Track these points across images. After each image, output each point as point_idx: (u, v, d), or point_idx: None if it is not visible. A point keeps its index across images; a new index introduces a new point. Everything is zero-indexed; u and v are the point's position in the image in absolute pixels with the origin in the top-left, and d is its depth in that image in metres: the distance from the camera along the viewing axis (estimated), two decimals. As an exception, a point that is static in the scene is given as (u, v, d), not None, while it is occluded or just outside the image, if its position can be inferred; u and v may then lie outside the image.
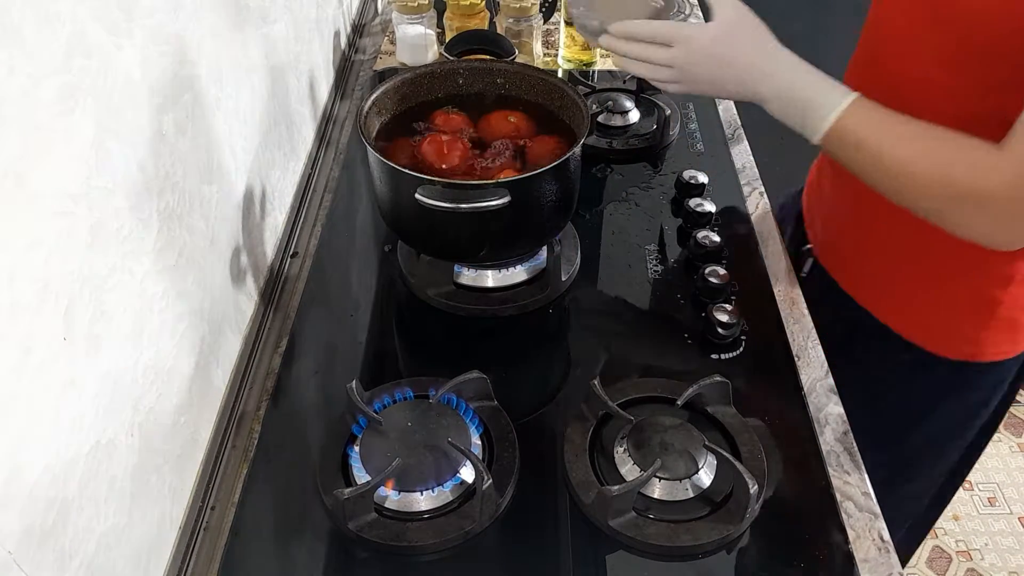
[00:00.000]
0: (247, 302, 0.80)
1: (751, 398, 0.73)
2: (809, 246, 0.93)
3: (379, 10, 1.44)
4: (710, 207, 0.92)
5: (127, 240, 0.54)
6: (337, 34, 1.20)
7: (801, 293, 0.85)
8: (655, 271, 0.88)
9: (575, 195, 0.81)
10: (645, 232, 0.93)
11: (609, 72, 1.23)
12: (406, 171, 0.71)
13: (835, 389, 0.75)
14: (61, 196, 0.47)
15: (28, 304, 0.43)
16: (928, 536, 1.56)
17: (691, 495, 0.64)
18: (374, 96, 0.81)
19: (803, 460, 0.69)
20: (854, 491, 0.67)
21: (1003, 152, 0.61)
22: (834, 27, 1.78)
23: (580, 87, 1.13)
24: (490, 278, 0.83)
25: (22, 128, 0.43)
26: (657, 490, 0.64)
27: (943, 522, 1.63)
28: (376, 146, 0.74)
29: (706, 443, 0.66)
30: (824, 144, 0.70)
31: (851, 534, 0.64)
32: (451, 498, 0.64)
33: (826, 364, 0.77)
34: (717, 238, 0.87)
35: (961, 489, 1.68)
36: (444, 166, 0.79)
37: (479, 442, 0.68)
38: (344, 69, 1.23)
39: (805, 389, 0.75)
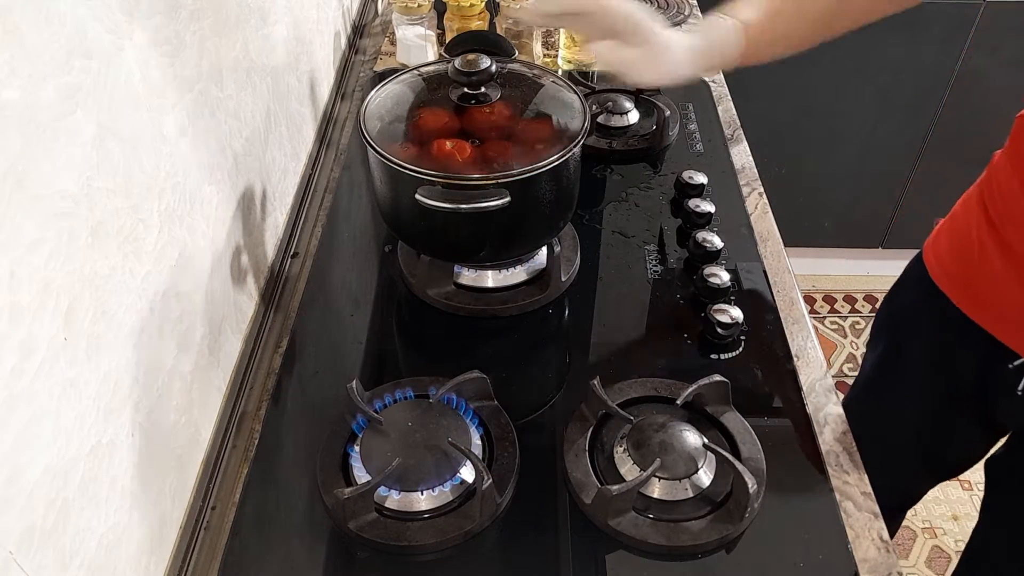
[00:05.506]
0: (247, 302, 0.80)
1: (751, 398, 0.73)
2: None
3: (379, 11, 1.45)
4: (709, 207, 0.92)
5: (128, 240, 0.55)
6: (337, 35, 1.21)
7: (800, 293, 0.86)
8: (655, 271, 0.88)
9: (575, 195, 0.81)
10: (645, 232, 0.93)
11: (609, 73, 1.23)
12: (406, 171, 0.71)
13: (834, 389, 0.75)
14: (62, 196, 0.47)
15: (28, 304, 0.43)
16: (928, 536, 1.57)
17: (691, 495, 0.65)
18: (374, 96, 0.81)
19: (803, 460, 0.69)
20: (853, 491, 0.67)
21: None
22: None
23: (580, 87, 1.13)
24: (490, 278, 0.83)
25: (23, 128, 0.43)
26: (657, 490, 0.65)
27: (943, 522, 1.63)
28: (376, 146, 0.75)
29: (706, 443, 0.66)
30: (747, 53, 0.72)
31: (851, 534, 0.64)
32: (451, 498, 0.64)
33: (825, 364, 0.77)
34: (716, 238, 0.87)
35: (960, 489, 1.69)
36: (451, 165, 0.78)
37: (479, 442, 0.68)
38: (344, 70, 1.23)
39: (805, 389, 0.75)
